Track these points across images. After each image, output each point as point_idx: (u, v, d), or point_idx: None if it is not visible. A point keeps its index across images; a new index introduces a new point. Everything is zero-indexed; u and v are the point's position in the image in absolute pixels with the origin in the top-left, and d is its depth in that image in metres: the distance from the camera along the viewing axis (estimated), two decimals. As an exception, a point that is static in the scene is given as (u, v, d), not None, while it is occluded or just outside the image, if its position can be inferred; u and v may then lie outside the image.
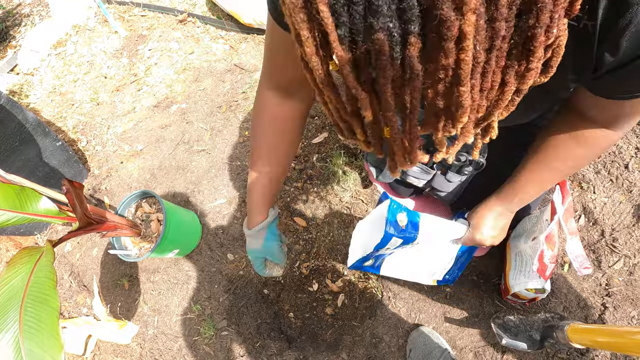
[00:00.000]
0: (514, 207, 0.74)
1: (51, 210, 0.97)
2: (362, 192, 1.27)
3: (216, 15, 1.92)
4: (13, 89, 2.04)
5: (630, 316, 0.93)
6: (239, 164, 1.45)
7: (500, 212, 0.75)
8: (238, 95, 1.63)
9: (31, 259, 0.79)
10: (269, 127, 0.70)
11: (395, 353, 1.04)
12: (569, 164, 0.63)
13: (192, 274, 1.28)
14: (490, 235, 0.76)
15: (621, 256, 0.99)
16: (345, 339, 1.10)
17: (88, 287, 1.38)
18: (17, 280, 0.74)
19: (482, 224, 0.75)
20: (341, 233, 1.24)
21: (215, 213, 1.37)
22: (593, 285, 0.99)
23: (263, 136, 0.70)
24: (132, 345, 1.23)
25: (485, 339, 1.00)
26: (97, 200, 1.54)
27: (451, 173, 0.95)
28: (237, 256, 1.27)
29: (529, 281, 0.87)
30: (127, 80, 1.87)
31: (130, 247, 1.22)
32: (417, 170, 1.01)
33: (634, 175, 1.08)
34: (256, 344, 1.13)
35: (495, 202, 0.75)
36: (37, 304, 0.69)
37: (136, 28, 2.07)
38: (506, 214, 0.75)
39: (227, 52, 1.81)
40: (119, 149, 1.65)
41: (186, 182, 1.46)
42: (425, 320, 1.06)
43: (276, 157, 0.72)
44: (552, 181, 0.67)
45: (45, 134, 1.40)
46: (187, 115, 1.65)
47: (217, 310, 1.21)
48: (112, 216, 1.10)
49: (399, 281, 1.12)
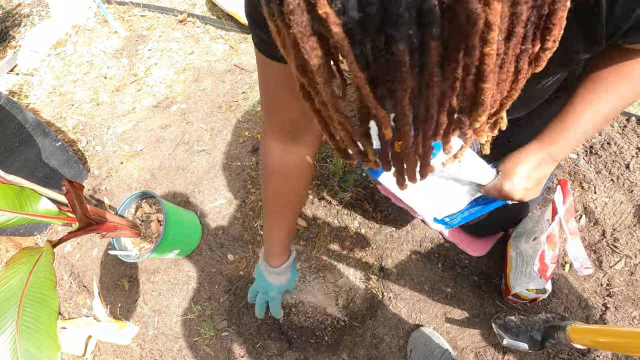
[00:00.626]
0: (557, 153, 0.59)
1: (51, 210, 0.97)
2: (362, 192, 1.26)
3: (216, 15, 1.92)
4: (13, 89, 2.04)
5: (631, 316, 0.93)
6: (239, 164, 1.44)
7: (540, 159, 0.60)
8: (238, 95, 1.63)
9: (30, 259, 0.79)
10: (276, 178, 0.69)
11: (396, 354, 1.03)
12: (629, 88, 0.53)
13: (192, 274, 1.28)
14: (523, 187, 0.60)
15: (622, 256, 0.99)
16: (346, 339, 1.09)
17: (88, 288, 1.37)
18: (15, 280, 0.74)
19: (516, 170, 0.60)
20: (342, 233, 1.23)
21: (216, 213, 1.36)
22: (594, 285, 0.99)
23: (271, 187, 0.70)
24: (132, 346, 1.23)
25: (486, 340, 1.00)
26: (97, 201, 1.54)
27: None
28: (237, 256, 1.27)
29: (530, 281, 0.87)
30: (127, 81, 1.87)
31: (131, 247, 1.22)
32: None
33: (634, 175, 1.08)
34: (256, 345, 1.13)
35: (535, 146, 0.60)
36: (35, 305, 0.68)
37: (136, 28, 2.07)
38: (547, 162, 0.60)
39: (227, 52, 1.80)
40: (118, 149, 1.65)
41: (186, 183, 1.46)
42: (426, 321, 1.06)
43: (286, 205, 0.73)
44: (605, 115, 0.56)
45: (45, 134, 1.39)
46: (187, 116, 1.64)
47: (218, 310, 1.20)
48: (112, 217, 1.10)
49: (400, 281, 1.11)
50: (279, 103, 0.58)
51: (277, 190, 0.70)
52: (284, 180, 0.68)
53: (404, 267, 1.13)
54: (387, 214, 1.22)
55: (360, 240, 1.21)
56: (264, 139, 0.66)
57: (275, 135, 0.63)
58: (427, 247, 1.15)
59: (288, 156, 0.65)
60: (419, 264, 1.13)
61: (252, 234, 1.29)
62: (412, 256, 1.14)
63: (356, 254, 1.20)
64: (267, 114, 0.62)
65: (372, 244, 1.20)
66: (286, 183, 0.69)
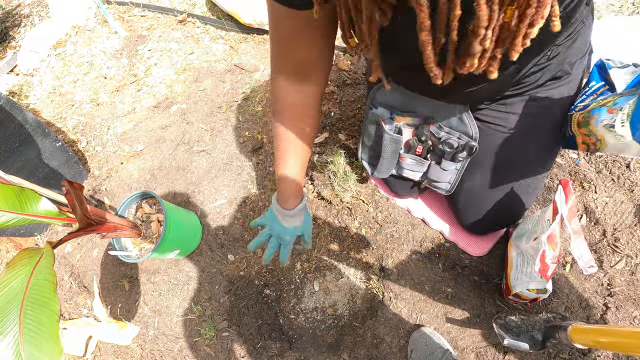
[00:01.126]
0: None
1: (51, 211, 0.97)
2: (362, 192, 1.26)
3: (216, 15, 1.92)
4: (13, 89, 2.04)
5: (632, 316, 0.93)
6: (239, 164, 1.44)
7: None
8: (238, 95, 1.63)
9: (31, 261, 0.79)
10: (287, 112, 0.72)
11: (397, 354, 1.03)
12: None
13: (192, 274, 1.28)
14: None
15: (623, 256, 0.99)
16: (346, 339, 1.09)
17: (88, 288, 1.37)
18: (16, 283, 0.74)
19: None
20: (342, 233, 1.23)
21: (216, 213, 1.36)
22: (595, 285, 0.98)
23: (282, 124, 0.73)
24: (132, 347, 1.23)
25: (487, 340, 1.00)
26: (97, 201, 1.54)
27: (445, 161, 0.95)
28: (237, 257, 1.27)
29: (531, 281, 0.87)
30: (127, 81, 1.87)
31: (131, 248, 1.22)
32: (411, 163, 1.01)
33: (635, 175, 1.08)
34: (257, 345, 1.13)
35: None
36: (36, 307, 0.68)
37: (136, 28, 2.06)
38: None
39: (227, 52, 1.80)
40: (119, 149, 1.65)
41: (186, 183, 1.46)
42: (427, 321, 1.06)
43: (297, 142, 0.75)
44: None
45: (45, 134, 1.39)
46: (187, 116, 1.64)
47: (218, 311, 1.20)
48: (112, 217, 1.10)
49: (400, 281, 1.11)
50: (287, 47, 0.63)
51: (288, 124, 0.73)
52: (294, 115, 0.72)
53: (404, 267, 1.13)
54: (388, 214, 1.22)
55: (361, 241, 1.21)
56: (274, 79, 0.70)
57: (284, 75, 0.68)
58: (427, 247, 1.15)
59: (297, 93, 0.69)
60: (419, 264, 1.13)
61: (253, 235, 1.29)
62: (413, 256, 1.14)
63: (356, 254, 1.20)
64: (276, 57, 0.67)
65: (372, 244, 1.20)
66: (296, 117, 0.73)
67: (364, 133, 1.07)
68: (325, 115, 1.45)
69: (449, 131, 0.90)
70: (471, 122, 0.87)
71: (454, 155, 0.92)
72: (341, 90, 1.51)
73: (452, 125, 0.89)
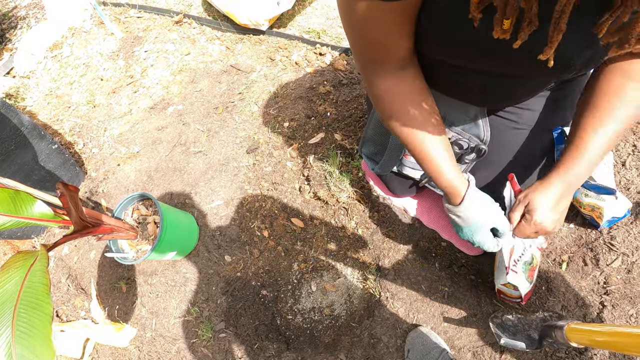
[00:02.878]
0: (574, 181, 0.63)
1: (46, 214, 0.97)
2: (358, 192, 1.26)
3: (212, 16, 1.92)
4: (10, 92, 2.03)
5: (628, 314, 0.93)
6: (235, 165, 1.44)
7: (561, 190, 0.63)
8: (234, 96, 1.63)
9: (25, 264, 0.79)
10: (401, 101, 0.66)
11: (394, 353, 1.03)
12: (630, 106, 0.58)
13: (189, 276, 1.28)
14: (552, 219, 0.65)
15: (619, 254, 0.99)
16: (344, 339, 1.09)
17: (86, 291, 1.37)
18: (10, 285, 0.74)
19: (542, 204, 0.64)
20: (339, 233, 1.23)
21: (213, 215, 1.36)
22: (591, 283, 0.98)
23: (402, 115, 0.66)
24: (130, 348, 1.22)
25: (483, 339, 1.00)
26: (94, 203, 1.53)
27: None
28: (234, 258, 1.27)
29: (501, 276, 0.91)
30: (123, 82, 1.86)
31: (127, 249, 1.21)
32: (413, 161, 0.99)
33: (631, 173, 1.07)
34: (254, 346, 1.13)
35: (553, 178, 0.64)
36: (30, 309, 0.68)
37: (132, 30, 2.06)
38: (568, 192, 0.64)
39: (223, 53, 1.80)
40: (115, 151, 1.64)
41: (183, 184, 1.46)
42: (424, 320, 1.05)
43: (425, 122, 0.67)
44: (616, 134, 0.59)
45: (41, 137, 1.39)
46: (183, 117, 1.64)
47: (215, 312, 1.20)
48: (108, 219, 1.10)
49: (397, 281, 1.11)
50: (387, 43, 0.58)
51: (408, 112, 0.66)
52: (410, 100, 0.65)
53: (401, 266, 1.13)
54: (384, 214, 1.22)
55: (357, 241, 1.21)
56: (372, 81, 0.64)
57: (388, 72, 0.63)
58: (423, 247, 1.15)
59: (402, 82, 0.64)
60: (416, 263, 1.13)
61: (249, 235, 1.29)
62: (409, 256, 1.14)
63: (353, 254, 1.20)
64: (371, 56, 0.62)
65: (369, 244, 1.19)
66: (412, 101, 0.66)
67: (369, 125, 1.04)
68: (321, 116, 1.45)
69: (460, 132, 0.86)
70: (485, 125, 0.84)
71: (461, 157, 0.90)
72: (337, 90, 1.51)
73: (464, 126, 0.86)
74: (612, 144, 0.61)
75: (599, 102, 0.60)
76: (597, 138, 0.60)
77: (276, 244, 1.27)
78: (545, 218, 0.65)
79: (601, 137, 0.59)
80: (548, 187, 0.64)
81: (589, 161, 0.61)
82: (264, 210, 1.32)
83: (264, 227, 1.29)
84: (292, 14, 1.81)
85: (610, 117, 0.59)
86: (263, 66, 1.69)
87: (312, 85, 1.54)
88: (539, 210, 0.65)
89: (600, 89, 0.60)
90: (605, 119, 0.59)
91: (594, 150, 0.60)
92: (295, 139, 1.43)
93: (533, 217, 0.65)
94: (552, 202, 0.64)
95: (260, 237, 1.28)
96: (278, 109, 1.53)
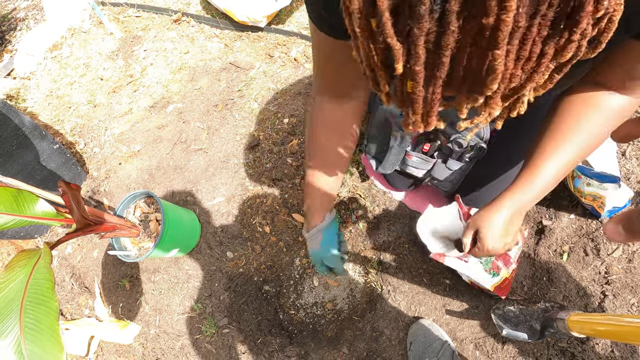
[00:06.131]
0: (527, 202, 0.63)
1: (49, 212, 0.97)
2: (359, 187, 1.26)
3: (210, 14, 1.92)
4: (10, 93, 2.04)
5: (630, 304, 0.93)
6: (236, 162, 1.44)
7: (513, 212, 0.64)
8: (234, 93, 1.63)
9: (29, 262, 0.79)
10: (325, 131, 0.71)
11: (396, 346, 1.04)
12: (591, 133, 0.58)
13: (192, 272, 1.28)
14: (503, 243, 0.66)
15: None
16: (346, 333, 1.10)
17: (90, 289, 1.38)
18: (16, 283, 0.75)
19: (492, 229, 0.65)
20: (339, 228, 1.24)
21: (214, 211, 1.37)
22: (592, 273, 0.98)
23: (319, 141, 0.73)
24: (134, 345, 1.23)
25: (485, 330, 1.00)
26: (97, 202, 1.54)
27: (452, 160, 0.94)
28: (236, 254, 1.28)
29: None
30: (123, 82, 1.87)
31: (130, 247, 1.22)
32: (416, 160, 1.00)
33: (631, 163, 1.07)
34: (257, 341, 1.14)
35: (506, 199, 0.64)
36: (36, 306, 0.69)
37: (131, 29, 2.06)
38: (519, 213, 0.65)
39: (222, 51, 1.80)
40: (116, 150, 1.65)
41: (184, 182, 1.46)
42: (425, 313, 1.06)
43: (333, 160, 0.74)
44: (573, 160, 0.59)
45: (42, 137, 1.40)
46: (183, 115, 1.64)
47: (218, 308, 1.21)
48: (110, 217, 1.11)
49: (399, 274, 1.12)
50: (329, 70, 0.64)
51: (325, 141, 0.72)
52: (333, 132, 0.71)
53: (402, 260, 1.14)
54: (385, 207, 1.23)
55: (359, 235, 1.21)
56: (316, 95, 0.70)
57: (326, 93, 0.68)
58: (425, 240, 1.16)
59: (337, 110, 0.69)
60: (417, 256, 1.13)
61: (251, 232, 1.30)
62: (410, 249, 1.14)
63: (354, 247, 1.20)
64: (319, 79, 0.68)
65: (370, 237, 1.20)
66: (334, 135, 0.72)
67: (371, 127, 1.06)
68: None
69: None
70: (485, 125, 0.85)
71: (461, 155, 0.91)
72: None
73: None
74: (569, 169, 0.61)
75: (558, 127, 0.60)
76: (553, 163, 0.59)
77: (278, 239, 1.27)
78: (496, 245, 0.66)
79: (557, 162, 0.59)
80: (497, 212, 0.64)
81: (543, 185, 0.61)
82: (265, 206, 1.33)
83: (266, 223, 1.30)
84: (290, 10, 1.81)
85: (569, 142, 0.58)
86: (262, 63, 1.69)
87: (311, 81, 1.54)
88: (489, 238, 0.66)
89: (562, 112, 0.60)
90: (563, 144, 0.59)
91: (549, 175, 0.60)
92: (295, 135, 1.43)
93: (484, 245, 0.67)
94: (501, 230, 0.65)
95: (262, 233, 1.29)
96: (277, 105, 1.53)
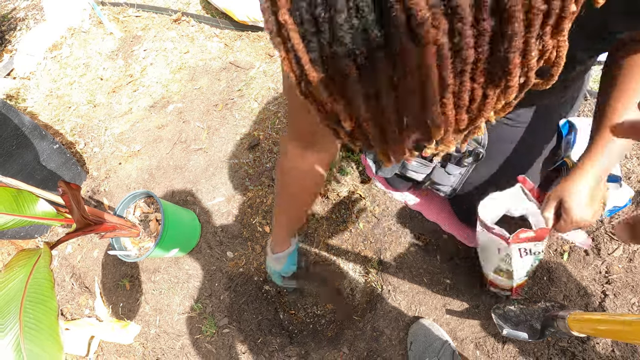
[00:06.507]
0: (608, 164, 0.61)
1: (49, 212, 0.97)
2: (359, 187, 1.26)
3: (210, 13, 1.92)
4: (10, 93, 2.04)
5: (630, 303, 0.93)
6: (236, 162, 1.44)
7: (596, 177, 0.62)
8: (234, 93, 1.63)
9: (29, 261, 0.79)
10: (291, 178, 0.74)
11: (397, 346, 1.04)
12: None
13: (192, 272, 1.28)
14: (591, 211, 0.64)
15: (621, 243, 0.99)
16: (346, 333, 1.10)
17: (90, 289, 1.38)
18: (15, 283, 0.75)
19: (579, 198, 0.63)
20: (340, 227, 1.24)
21: (214, 211, 1.37)
22: (593, 273, 0.98)
23: (286, 185, 0.76)
24: (134, 345, 1.23)
25: (485, 330, 1.00)
26: (97, 202, 1.54)
27: (451, 165, 0.94)
28: (236, 254, 1.28)
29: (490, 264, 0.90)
30: (123, 82, 1.87)
31: (130, 247, 1.22)
32: (416, 164, 1.00)
33: (631, 162, 1.07)
34: (258, 341, 1.14)
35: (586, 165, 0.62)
36: (35, 305, 0.69)
37: (131, 29, 2.06)
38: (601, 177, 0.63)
39: (222, 50, 1.80)
40: (116, 150, 1.65)
41: (184, 182, 1.46)
42: (426, 313, 1.06)
43: (297, 205, 0.80)
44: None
45: (42, 137, 1.40)
46: (183, 115, 1.64)
47: (218, 308, 1.21)
48: (110, 217, 1.10)
49: (399, 274, 1.12)
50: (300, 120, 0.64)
51: (290, 188, 0.76)
52: (298, 181, 0.74)
53: (402, 259, 1.13)
54: (385, 207, 1.22)
55: (359, 234, 1.21)
56: (285, 140, 0.71)
57: (295, 139, 0.68)
58: (425, 240, 1.15)
59: (305, 160, 0.70)
60: (417, 256, 1.13)
61: (251, 231, 1.30)
62: (411, 249, 1.14)
63: (355, 248, 1.20)
64: (289, 121, 0.71)
65: (370, 237, 1.20)
66: (299, 183, 0.74)
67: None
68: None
69: None
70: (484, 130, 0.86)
71: (459, 160, 0.92)
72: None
73: None
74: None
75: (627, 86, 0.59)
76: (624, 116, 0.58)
77: (278, 239, 1.27)
78: (584, 214, 0.64)
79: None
80: (582, 178, 0.63)
81: (620, 145, 0.59)
82: (265, 206, 1.32)
83: (266, 223, 1.30)
84: (290, 10, 1.81)
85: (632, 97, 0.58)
86: (262, 62, 1.69)
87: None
88: (576, 208, 0.64)
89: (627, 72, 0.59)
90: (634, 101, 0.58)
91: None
92: (295, 135, 1.43)
93: (571, 215, 0.65)
94: (587, 197, 0.63)
95: (262, 232, 1.29)
96: (277, 105, 1.53)
